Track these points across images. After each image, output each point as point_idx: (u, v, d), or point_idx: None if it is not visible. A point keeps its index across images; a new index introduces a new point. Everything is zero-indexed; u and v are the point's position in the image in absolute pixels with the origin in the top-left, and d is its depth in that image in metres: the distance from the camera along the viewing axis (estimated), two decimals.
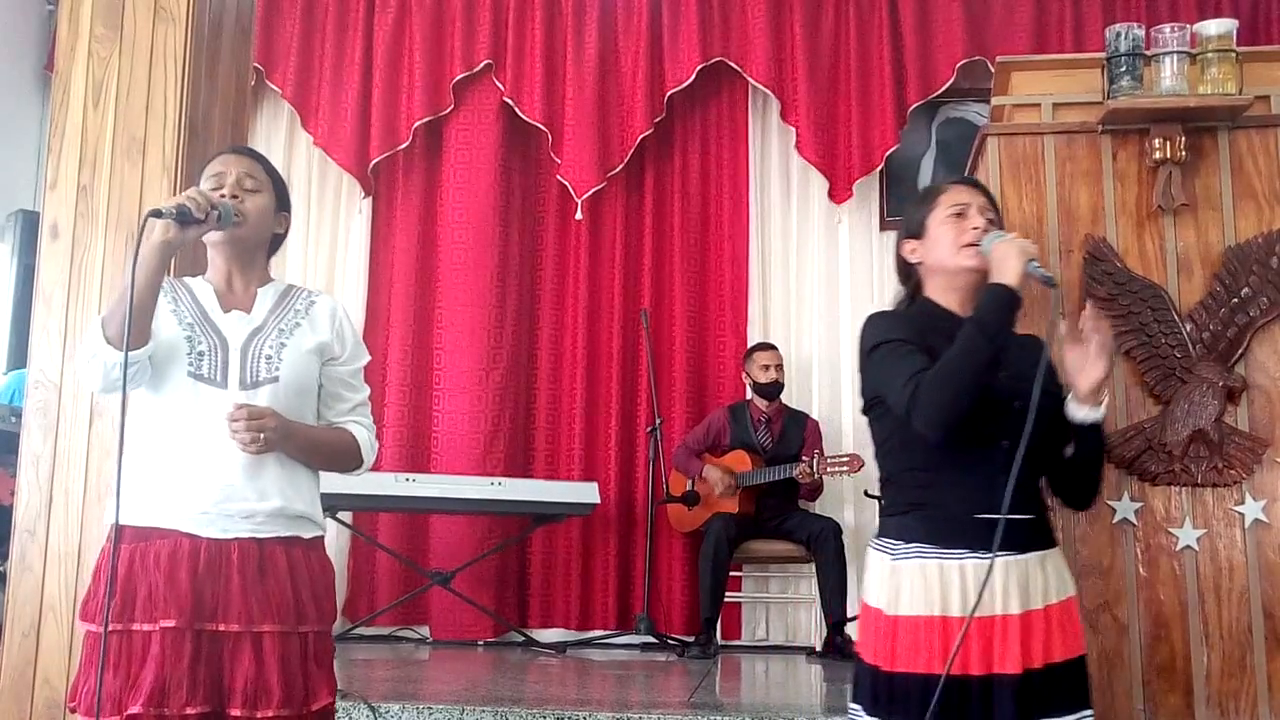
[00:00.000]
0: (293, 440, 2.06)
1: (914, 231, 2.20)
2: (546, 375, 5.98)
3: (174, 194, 2.74)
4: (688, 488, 5.37)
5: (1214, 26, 2.87)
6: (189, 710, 1.90)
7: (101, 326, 1.98)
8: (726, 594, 5.25)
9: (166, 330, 2.05)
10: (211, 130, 2.91)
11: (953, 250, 2.11)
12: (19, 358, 5.04)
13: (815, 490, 5.33)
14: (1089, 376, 2.02)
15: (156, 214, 1.94)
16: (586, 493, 5.36)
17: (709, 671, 4.52)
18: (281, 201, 2.22)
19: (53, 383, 2.75)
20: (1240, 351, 2.77)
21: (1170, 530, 2.74)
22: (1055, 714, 1.94)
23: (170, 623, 1.92)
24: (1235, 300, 2.78)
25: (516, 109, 5.94)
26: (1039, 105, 3.03)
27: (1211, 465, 2.74)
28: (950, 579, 1.98)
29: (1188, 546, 2.73)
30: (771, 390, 5.40)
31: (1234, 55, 2.83)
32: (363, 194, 6.09)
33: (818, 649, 5.13)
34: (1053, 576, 2.03)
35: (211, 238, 2.10)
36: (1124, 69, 2.83)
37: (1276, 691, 2.65)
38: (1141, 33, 2.87)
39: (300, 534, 2.08)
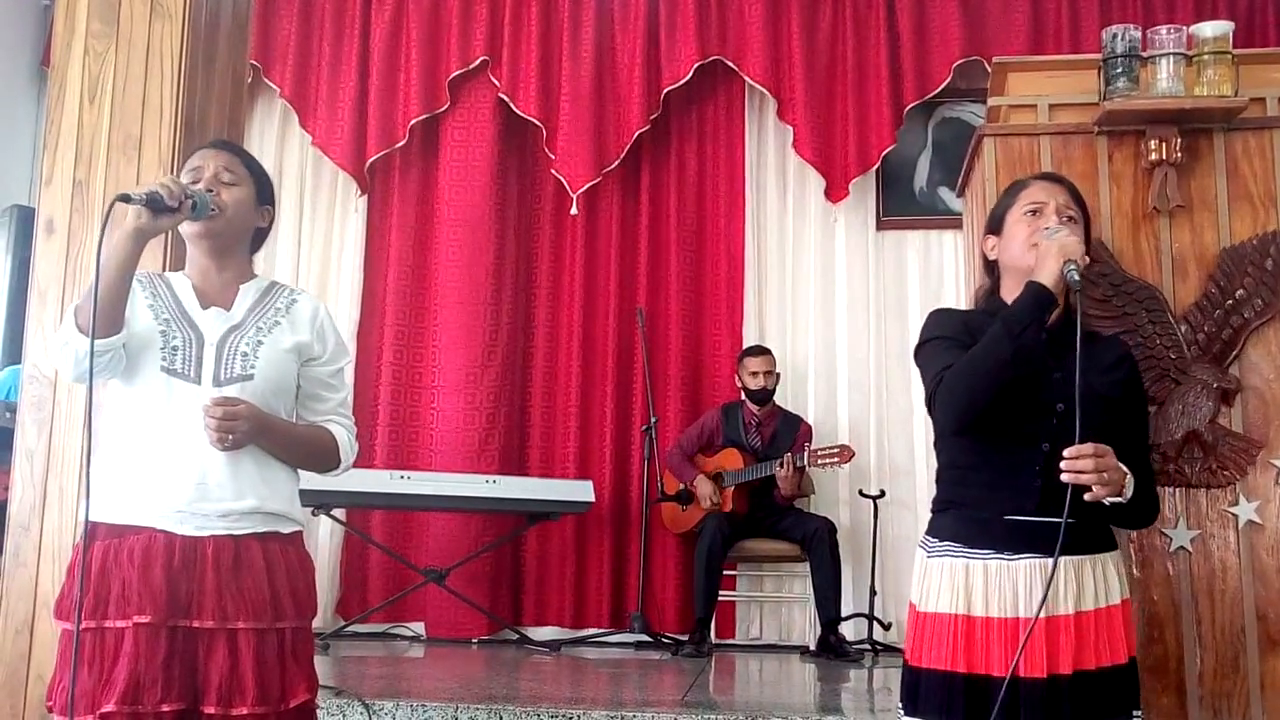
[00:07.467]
0: (269, 436, 2.03)
1: (994, 227, 2.18)
2: (541, 373, 5.98)
3: None
4: (681, 487, 5.37)
5: (1210, 28, 2.87)
6: (164, 707, 1.88)
7: (74, 315, 1.95)
8: (721, 593, 5.25)
9: (142, 322, 2.02)
10: (207, 127, 2.90)
11: (1023, 249, 2.07)
12: (14, 353, 5.03)
13: (792, 497, 5.22)
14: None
15: (125, 199, 1.90)
16: (581, 491, 5.36)
17: (703, 670, 4.52)
18: (263, 195, 2.18)
19: (47, 378, 2.75)
20: (1235, 353, 2.77)
21: (1164, 531, 2.74)
22: None
23: (144, 618, 1.89)
24: (1230, 302, 2.78)
25: (512, 105, 5.93)
26: (1035, 106, 3.03)
27: (1205, 466, 2.74)
28: (974, 579, 1.98)
29: (1181, 548, 2.73)
30: (759, 396, 5.39)
31: (1230, 57, 2.83)
32: (359, 192, 6.08)
33: (811, 648, 5.13)
34: (1090, 582, 1.98)
35: (188, 230, 2.07)
36: (1120, 70, 2.83)
37: (1269, 692, 2.65)
38: (1138, 34, 2.87)
39: (278, 529, 2.06)
